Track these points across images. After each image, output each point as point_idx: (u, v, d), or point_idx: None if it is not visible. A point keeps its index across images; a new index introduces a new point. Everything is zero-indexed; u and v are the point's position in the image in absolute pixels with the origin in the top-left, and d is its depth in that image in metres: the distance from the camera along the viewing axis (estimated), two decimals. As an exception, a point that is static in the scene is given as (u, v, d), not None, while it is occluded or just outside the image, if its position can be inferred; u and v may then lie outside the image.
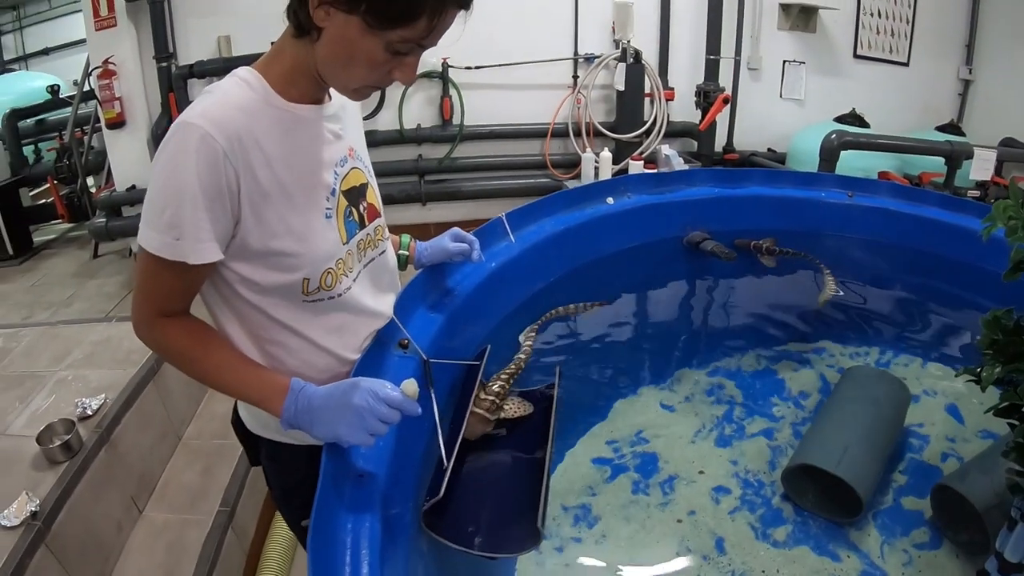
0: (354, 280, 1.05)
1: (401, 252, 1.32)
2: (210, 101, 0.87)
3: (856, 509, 1.46)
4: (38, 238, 4.44)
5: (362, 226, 1.07)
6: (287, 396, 0.93)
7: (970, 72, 4.82)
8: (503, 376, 1.39)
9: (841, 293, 2.07)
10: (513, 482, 1.16)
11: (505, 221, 1.58)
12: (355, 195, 1.05)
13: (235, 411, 1.20)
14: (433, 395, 1.12)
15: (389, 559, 0.88)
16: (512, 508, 1.07)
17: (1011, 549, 1.16)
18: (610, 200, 1.89)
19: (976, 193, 3.70)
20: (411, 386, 0.93)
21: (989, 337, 1.11)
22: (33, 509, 1.61)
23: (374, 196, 1.11)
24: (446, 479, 1.01)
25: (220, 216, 0.87)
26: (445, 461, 1.04)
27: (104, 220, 3.73)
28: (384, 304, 1.16)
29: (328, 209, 0.98)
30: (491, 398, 1.29)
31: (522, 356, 1.53)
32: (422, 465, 1.12)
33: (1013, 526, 1.15)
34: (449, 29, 0.89)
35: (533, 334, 1.65)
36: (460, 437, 1.13)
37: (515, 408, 1.32)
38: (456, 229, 1.37)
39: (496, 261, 1.53)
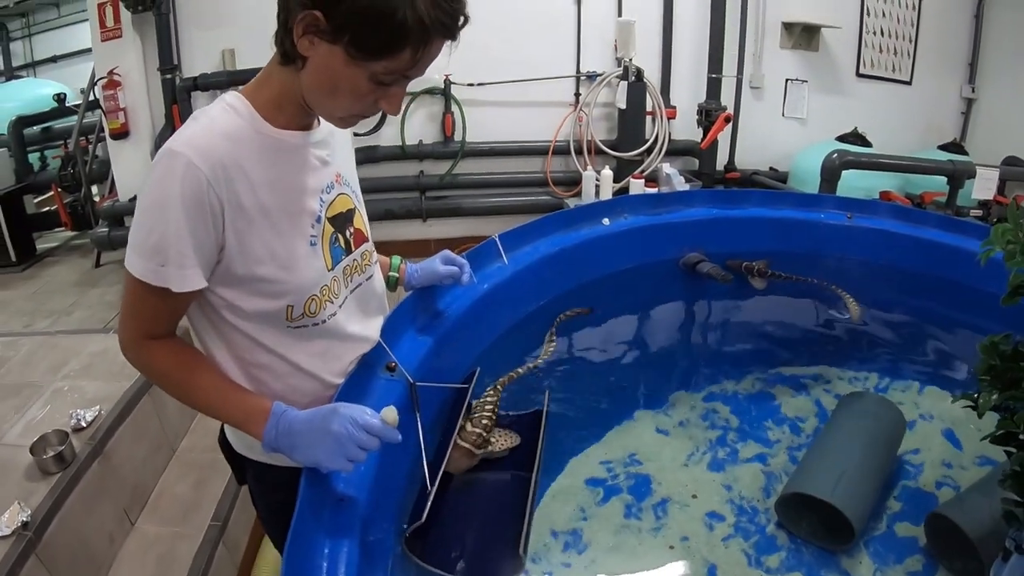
0: (339, 307, 1.06)
1: (391, 274, 1.32)
2: (196, 128, 0.88)
3: (850, 536, 1.45)
4: (41, 245, 4.45)
5: (348, 252, 1.07)
6: (268, 419, 0.93)
7: (973, 90, 4.82)
8: (490, 402, 1.36)
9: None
10: (498, 507, 1.16)
11: (498, 242, 1.58)
12: (341, 221, 1.05)
13: (222, 431, 1.20)
14: (419, 418, 1.12)
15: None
16: (496, 534, 1.07)
17: None
18: (606, 221, 1.89)
19: (979, 212, 3.69)
20: (391, 413, 0.93)
21: (987, 363, 1.09)
22: (24, 519, 1.62)
23: (361, 221, 1.11)
24: (429, 503, 1.02)
25: (204, 243, 0.88)
26: (429, 485, 1.04)
27: (107, 229, 3.75)
28: (371, 328, 1.16)
29: (313, 236, 0.99)
30: (478, 431, 1.26)
31: (520, 370, 1.51)
32: (405, 489, 1.11)
33: (1008, 556, 1.13)
34: (444, 52, 0.89)
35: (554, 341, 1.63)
36: (445, 461, 1.13)
37: (503, 442, 1.30)
38: (447, 252, 1.36)
39: (488, 283, 1.53)
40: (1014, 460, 1.05)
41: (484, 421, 1.29)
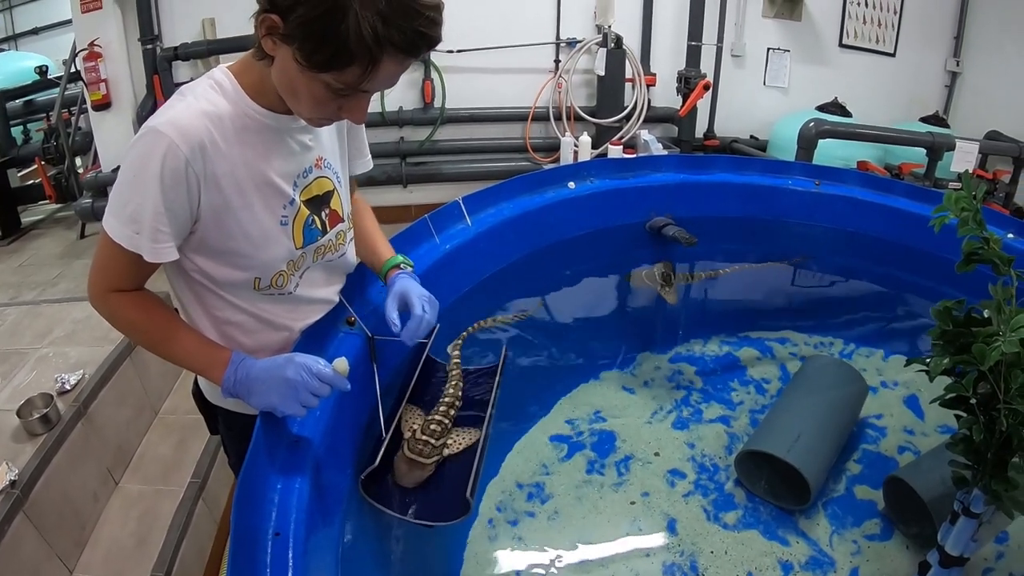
0: (301, 277, 1.10)
1: (393, 262, 1.22)
2: (180, 107, 0.90)
3: (807, 497, 1.48)
4: (26, 218, 4.45)
5: (323, 232, 1.10)
6: (227, 367, 0.98)
7: (958, 64, 4.83)
8: (441, 409, 1.23)
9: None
10: (452, 454, 1.20)
11: (462, 204, 1.62)
12: (317, 203, 1.07)
13: (195, 382, 1.26)
14: (376, 371, 1.17)
15: (319, 521, 0.93)
16: (447, 480, 1.12)
17: (952, 542, 1.16)
18: (572, 184, 1.91)
19: (957, 185, 3.72)
20: (342, 364, 0.98)
21: (940, 328, 1.10)
22: (12, 478, 1.67)
23: (339, 203, 1.12)
24: (383, 449, 1.08)
25: (179, 218, 0.91)
26: (384, 432, 1.10)
27: (90, 201, 3.77)
28: (336, 292, 1.22)
29: (284, 216, 1.02)
30: (427, 439, 1.14)
31: (454, 378, 1.33)
32: (363, 435, 1.17)
33: (955, 519, 1.16)
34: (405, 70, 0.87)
35: (458, 351, 1.44)
36: (400, 410, 1.19)
37: (459, 441, 1.21)
38: (408, 291, 1.15)
39: (451, 243, 1.56)
40: (963, 423, 1.07)
41: (435, 427, 1.17)
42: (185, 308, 1.07)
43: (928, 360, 1.10)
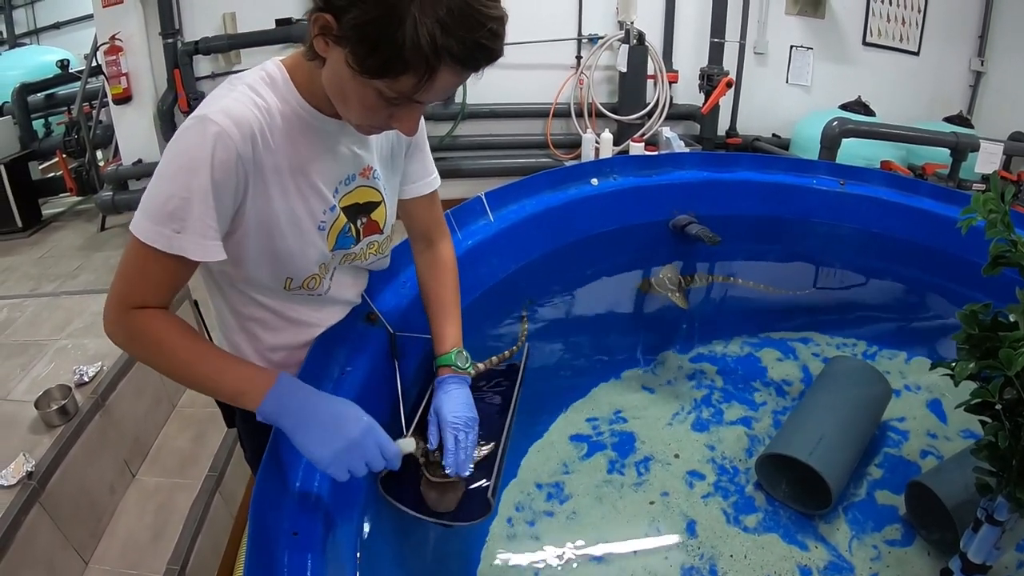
0: (331, 279, 1.08)
1: (447, 360, 1.15)
2: (232, 99, 0.85)
3: (828, 501, 1.45)
4: (47, 211, 4.51)
5: (356, 241, 1.06)
6: (273, 387, 0.89)
7: (982, 64, 4.76)
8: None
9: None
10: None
11: (484, 200, 1.60)
12: (356, 212, 1.04)
13: None
14: (397, 367, 1.15)
15: (337, 520, 0.91)
16: (468, 480, 1.10)
17: (975, 550, 1.14)
18: (595, 181, 1.89)
19: (981, 186, 3.67)
20: (409, 444, 0.95)
21: (965, 331, 1.07)
22: (29, 469, 1.67)
23: (382, 214, 1.08)
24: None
25: (224, 214, 0.86)
26: (404, 431, 1.08)
27: (111, 194, 3.80)
28: (360, 293, 1.21)
29: (323, 222, 0.98)
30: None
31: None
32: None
33: (978, 527, 1.13)
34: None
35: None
36: (421, 409, 1.17)
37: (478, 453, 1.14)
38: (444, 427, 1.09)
39: (472, 239, 1.55)
40: (988, 430, 1.04)
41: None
42: (206, 302, 1.06)
43: (953, 364, 1.07)
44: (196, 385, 0.93)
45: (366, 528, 1.09)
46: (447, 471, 1.03)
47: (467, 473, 1.05)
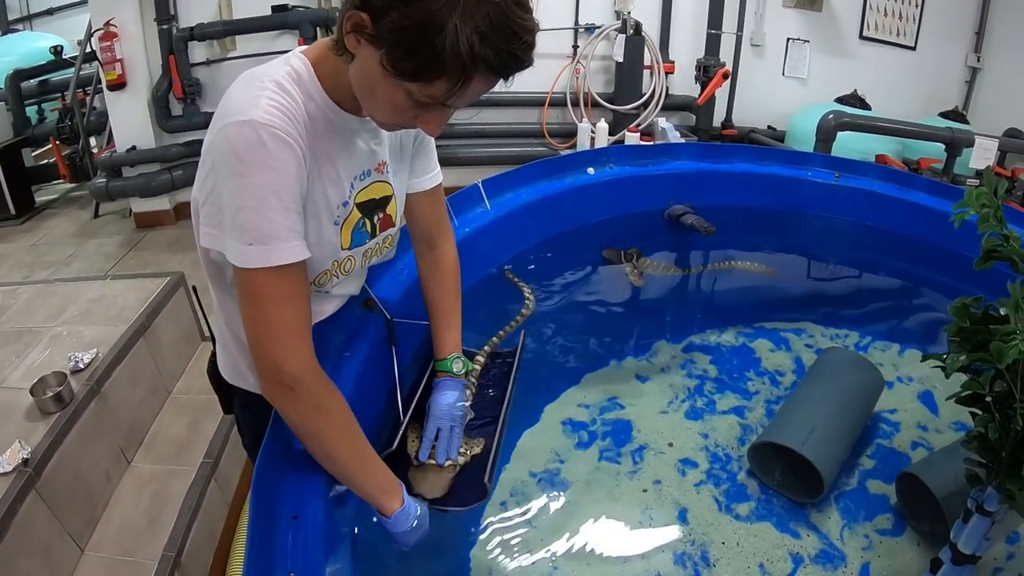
0: (340, 278, 1.08)
1: (444, 366, 1.23)
2: (267, 98, 0.84)
3: (820, 490, 1.46)
4: (40, 198, 4.49)
5: (372, 236, 1.07)
6: (404, 502, 0.98)
7: (978, 59, 4.77)
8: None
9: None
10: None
11: (481, 188, 1.60)
12: (371, 207, 1.04)
13: (211, 360, 1.24)
14: (395, 353, 1.16)
15: (336, 504, 0.92)
16: (464, 465, 1.11)
17: (964, 540, 1.15)
18: (591, 170, 1.89)
19: (975, 182, 3.69)
20: None
21: (956, 324, 1.08)
22: (25, 456, 1.67)
23: (394, 208, 1.09)
24: (400, 433, 1.07)
25: (300, 210, 0.88)
26: (401, 416, 1.09)
27: (104, 181, 3.78)
28: (359, 286, 1.21)
29: (338, 216, 0.99)
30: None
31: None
32: (381, 419, 1.16)
33: (968, 517, 1.14)
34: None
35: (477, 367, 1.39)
36: (417, 395, 1.18)
37: (467, 451, 1.19)
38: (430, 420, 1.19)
39: (469, 227, 1.55)
40: (978, 421, 1.05)
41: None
42: (220, 301, 1.06)
43: (944, 356, 1.08)
44: (344, 473, 0.96)
45: (363, 512, 1.10)
46: (431, 459, 1.10)
47: (444, 462, 1.12)
